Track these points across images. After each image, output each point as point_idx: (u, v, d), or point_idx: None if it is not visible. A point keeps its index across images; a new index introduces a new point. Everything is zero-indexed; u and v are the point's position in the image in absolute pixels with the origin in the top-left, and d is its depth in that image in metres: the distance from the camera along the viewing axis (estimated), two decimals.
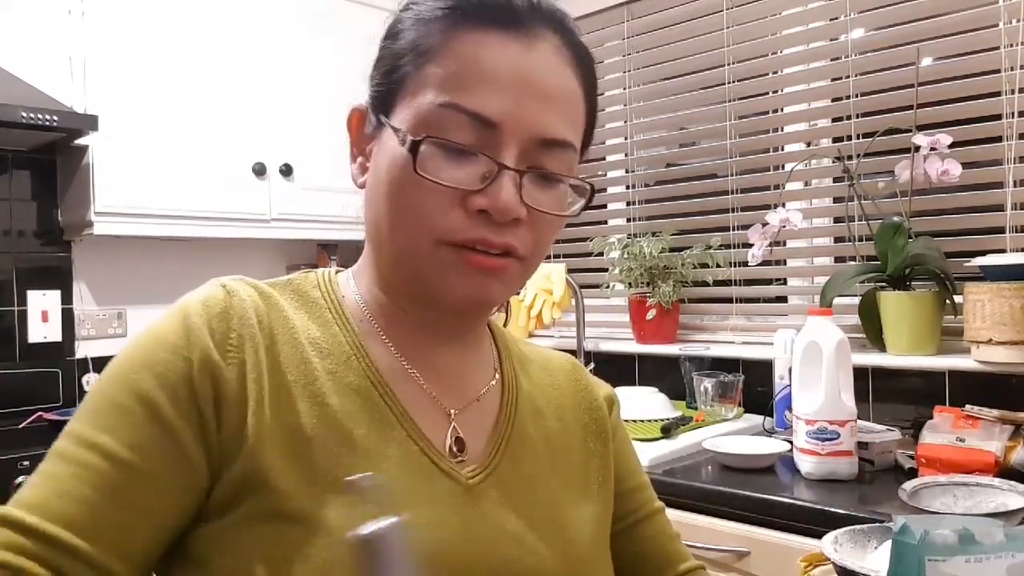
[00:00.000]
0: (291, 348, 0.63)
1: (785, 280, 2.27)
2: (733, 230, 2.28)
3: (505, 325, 0.94)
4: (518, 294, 2.47)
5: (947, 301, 1.79)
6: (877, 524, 0.96)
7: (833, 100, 2.12)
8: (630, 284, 2.41)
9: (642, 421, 1.94)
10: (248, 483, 0.57)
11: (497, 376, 0.75)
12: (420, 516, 0.60)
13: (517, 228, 0.62)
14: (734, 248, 2.27)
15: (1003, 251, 1.80)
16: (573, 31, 0.66)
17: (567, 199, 0.66)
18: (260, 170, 2.41)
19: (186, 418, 0.58)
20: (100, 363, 2.39)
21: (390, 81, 0.65)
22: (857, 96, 2.03)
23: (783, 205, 2.07)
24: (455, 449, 0.67)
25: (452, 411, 0.69)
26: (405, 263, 0.64)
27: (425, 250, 0.62)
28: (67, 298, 2.37)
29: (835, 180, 2.12)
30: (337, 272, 0.73)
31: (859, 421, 1.56)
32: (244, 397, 0.59)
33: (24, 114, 1.88)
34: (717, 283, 2.31)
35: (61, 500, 0.55)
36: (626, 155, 2.56)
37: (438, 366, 0.70)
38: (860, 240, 1.97)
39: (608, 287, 2.52)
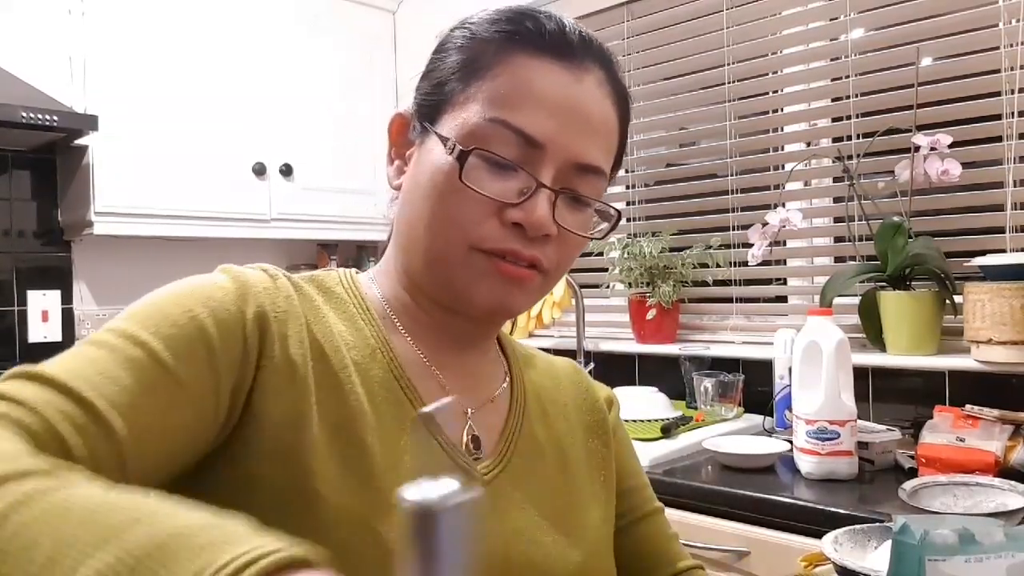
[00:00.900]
0: (326, 335, 0.65)
1: (785, 280, 2.27)
2: (733, 230, 2.28)
3: (512, 333, 0.96)
4: None
5: (947, 301, 1.79)
6: (877, 524, 0.96)
7: (833, 100, 2.12)
8: (630, 284, 2.41)
9: (642, 421, 1.94)
10: (283, 455, 0.58)
11: (507, 379, 0.77)
12: None
13: (546, 244, 0.66)
14: (734, 248, 2.26)
15: (1003, 251, 1.80)
16: (617, 70, 0.71)
17: (592, 221, 0.71)
18: (260, 170, 2.41)
19: (230, 355, 0.59)
20: None
21: (440, 93, 0.68)
22: (857, 96, 2.03)
23: (783, 205, 2.07)
24: (471, 447, 0.70)
25: (469, 410, 0.71)
26: (436, 266, 0.67)
27: (458, 254, 0.64)
28: (67, 298, 2.38)
29: (835, 180, 2.12)
30: (356, 272, 0.75)
31: (859, 421, 1.56)
32: (290, 366, 0.60)
33: (24, 114, 1.88)
34: (717, 283, 2.31)
35: (102, 378, 0.53)
36: (626, 155, 2.56)
37: (456, 366, 0.72)
38: (860, 240, 1.97)
39: (608, 287, 2.52)
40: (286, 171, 2.47)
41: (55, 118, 1.93)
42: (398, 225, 0.71)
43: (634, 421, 1.93)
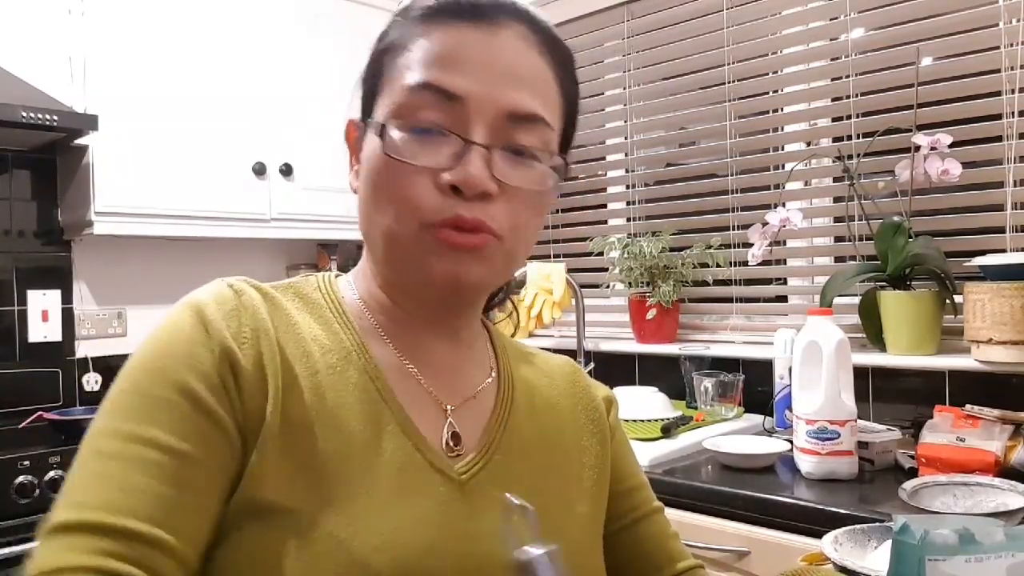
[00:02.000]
0: (295, 344, 0.65)
1: (785, 280, 2.27)
2: (733, 230, 2.28)
3: (514, 334, 0.94)
4: (517, 293, 2.47)
5: (947, 301, 1.79)
6: (877, 524, 0.96)
7: (833, 100, 2.12)
8: (630, 284, 2.41)
9: (642, 421, 1.94)
10: (249, 475, 0.58)
11: (493, 374, 0.76)
12: (410, 512, 0.61)
13: (489, 204, 0.63)
14: (734, 248, 2.26)
15: (1003, 251, 1.80)
16: (537, 20, 0.68)
17: (546, 180, 0.66)
18: (260, 170, 2.41)
19: (222, 404, 0.59)
20: (100, 363, 2.40)
21: (371, 84, 0.68)
22: (857, 96, 2.03)
23: (783, 205, 2.07)
24: (451, 444, 0.68)
25: (449, 407, 0.70)
26: (392, 250, 0.66)
27: (409, 234, 0.63)
28: (67, 298, 2.37)
29: (835, 180, 2.12)
30: (336, 276, 0.75)
31: (859, 421, 1.56)
32: (264, 388, 0.60)
33: (24, 114, 1.88)
34: (717, 283, 2.31)
35: (131, 496, 0.53)
36: (626, 155, 2.56)
37: (436, 363, 0.71)
38: (860, 240, 1.97)
39: (608, 287, 2.52)
40: (286, 171, 2.47)
41: (55, 118, 1.93)
42: (360, 224, 0.70)
43: (634, 421, 1.93)
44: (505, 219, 0.64)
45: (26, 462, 1.74)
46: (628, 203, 2.57)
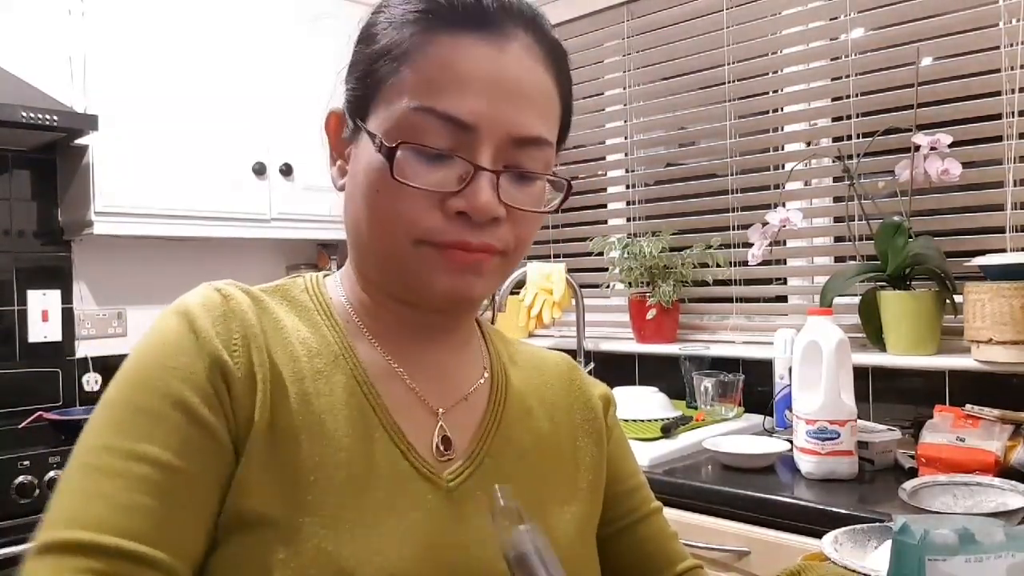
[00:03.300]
0: (282, 348, 0.64)
1: (785, 280, 2.27)
2: (733, 230, 2.28)
3: (493, 322, 0.93)
4: (517, 294, 2.47)
5: (947, 301, 1.79)
6: (877, 524, 0.96)
7: (833, 100, 2.12)
8: (630, 284, 2.41)
9: (642, 421, 1.94)
10: (235, 485, 0.58)
11: (486, 374, 0.75)
12: (398, 523, 0.61)
13: (497, 227, 0.63)
14: (734, 248, 2.26)
15: (1003, 251, 1.80)
16: (544, 27, 0.66)
17: (545, 195, 0.67)
18: (260, 170, 2.41)
19: (216, 413, 0.58)
20: (100, 363, 2.40)
21: (365, 86, 0.65)
22: (857, 96, 2.03)
23: (783, 205, 2.07)
24: (442, 448, 0.67)
25: (440, 410, 0.69)
26: (386, 263, 0.65)
27: (405, 249, 0.62)
28: (67, 298, 2.37)
29: (835, 180, 2.12)
30: (325, 275, 0.74)
31: (859, 421, 1.56)
32: (253, 395, 0.60)
33: (24, 114, 1.88)
34: (717, 283, 2.31)
35: (119, 513, 0.53)
36: (626, 155, 2.56)
37: (425, 364, 0.70)
38: (860, 240, 1.97)
39: (608, 287, 2.52)
40: (286, 171, 2.47)
41: (55, 118, 1.93)
42: (346, 226, 0.69)
43: (634, 421, 1.93)
44: (510, 237, 0.64)
45: (26, 462, 1.74)
46: (628, 203, 2.56)
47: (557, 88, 0.67)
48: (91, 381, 2.38)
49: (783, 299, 2.26)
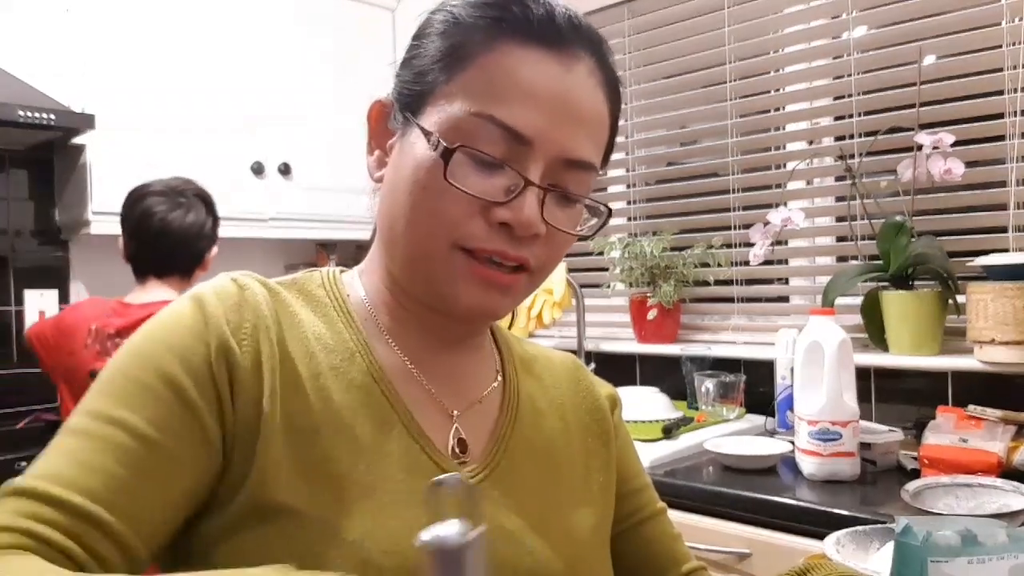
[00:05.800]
0: (298, 342, 0.64)
1: (787, 280, 2.26)
2: (734, 229, 2.27)
3: (510, 327, 0.93)
4: None
5: (950, 301, 1.78)
6: (879, 525, 0.95)
7: (835, 98, 2.12)
8: (631, 284, 2.40)
9: (643, 422, 1.93)
10: (253, 476, 0.58)
11: (499, 378, 0.75)
12: (419, 515, 0.60)
13: (533, 244, 0.63)
14: (735, 247, 2.26)
15: (1006, 251, 1.80)
16: (608, 55, 0.68)
17: (582, 217, 0.68)
18: (258, 169, 2.41)
19: (207, 399, 0.58)
20: None
21: (422, 82, 0.65)
22: (859, 95, 2.02)
23: (785, 204, 2.07)
24: (457, 451, 0.67)
25: (454, 412, 0.69)
26: (417, 263, 0.65)
27: (439, 252, 0.62)
28: (64, 297, 2.37)
29: (837, 179, 2.12)
30: (341, 271, 0.74)
31: (861, 421, 1.55)
32: (260, 386, 0.60)
33: (21, 113, 1.88)
34: (718, 283, 2.30)
35: (83, 472, 0.54)
36: (626, 154, 2.56)
37: (441, 368, 0.70)
38: (862, 239, 1.96)
39: (609, 287, 2.52)
40: (284, 170, 2.46)
41: (52, 117, 1.93)
42: (380, 220, 0.69)
43: (635, 422, 1.92)
44: (544, 256, 0.65)
45: (23, 462, 1.74)
46: (628, 202, 2.56)
47: (610, 116, 0.68)
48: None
49: (785, 299, 2.26)
